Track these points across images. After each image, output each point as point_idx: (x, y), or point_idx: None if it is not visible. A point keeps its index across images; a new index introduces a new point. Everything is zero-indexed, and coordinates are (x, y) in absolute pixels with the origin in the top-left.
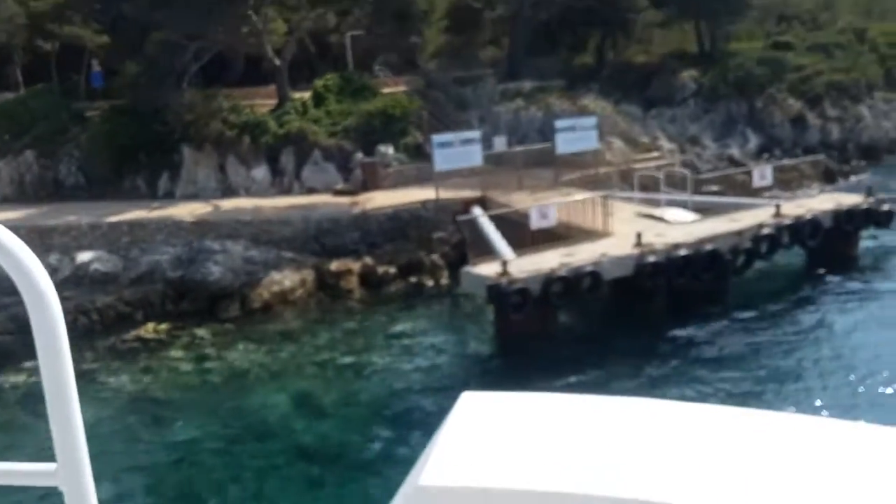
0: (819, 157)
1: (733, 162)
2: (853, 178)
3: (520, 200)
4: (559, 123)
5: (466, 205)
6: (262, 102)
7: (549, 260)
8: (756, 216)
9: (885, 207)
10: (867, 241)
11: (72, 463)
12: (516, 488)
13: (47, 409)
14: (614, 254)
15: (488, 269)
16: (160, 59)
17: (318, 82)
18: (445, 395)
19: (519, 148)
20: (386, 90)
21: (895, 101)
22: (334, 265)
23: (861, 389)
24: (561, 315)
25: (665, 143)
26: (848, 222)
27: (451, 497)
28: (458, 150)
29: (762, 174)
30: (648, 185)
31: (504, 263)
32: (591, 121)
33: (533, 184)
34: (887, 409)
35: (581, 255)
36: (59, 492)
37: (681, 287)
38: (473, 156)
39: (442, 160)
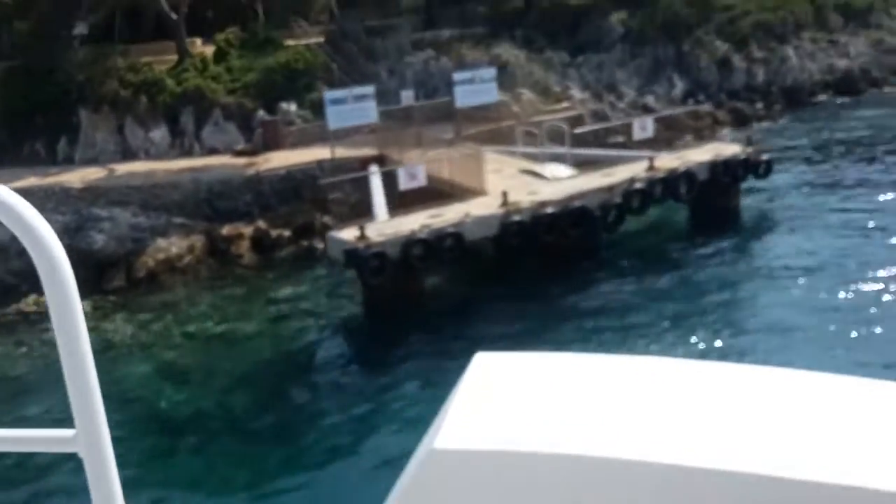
0: (703, 107)
1: (647, 110)
2: (766, 124)
3: (415, 158)
4: (457, 76)
5: (364, 163)
6: (171, 58)
7: (413, 222)
8: (631, 170)
9: (765, 157)
10: (753, 192)
11: (91, 429)
12: (534, 451)
13: (64, 375)
14: (478, 214)
15: (348, 234)
16: (52, 16)
17: (220, 36)
18: (310, 361)
19: (416, 103)
20: (304, 42)
21: (823, 41)
22: (226, 229)
23: (728, 341)
24: (432, 276)
25: (577, 93)
26: (725, 174)
27: (467, 460)
28: (352, 107)
29: (643, 126)
30: (536, 140)
31: (362, 227)
32: (490, 72)
33: (433, 140)
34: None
35: (447, 215)
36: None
37: (552, 245)
38: (368, 112)
39: (335, 118)
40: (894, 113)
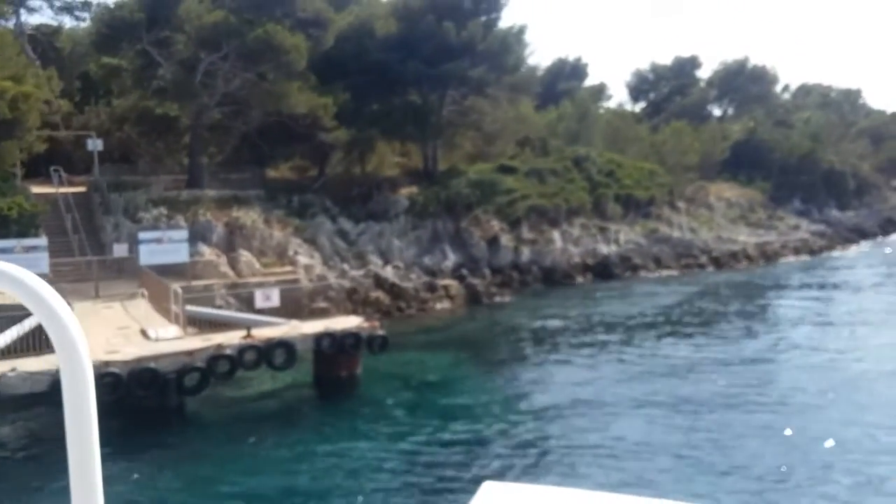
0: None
1: (379, 280)
2: (497, 299)
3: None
4: (142, 235)
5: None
6: None
7: None
8: (228, 337)
9: (380, 332)
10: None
11: None
12: None
13: (70, 479)
14: (27, 369)
15: None
16: None
17: None
18: None
19: (96, 258)
20: (75, 190)
21: (594, 227)
22: None
23: None
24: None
25: (304, 259)
26: (331, 346)
27: None
28: (20, 257)
29: (266, 296)
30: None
31: None
32: (181, 233)
33: (110, 294)
34: None
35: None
36: None
37: (122, 404)
38: (38, 263)
39: None
40: (620, 298)
